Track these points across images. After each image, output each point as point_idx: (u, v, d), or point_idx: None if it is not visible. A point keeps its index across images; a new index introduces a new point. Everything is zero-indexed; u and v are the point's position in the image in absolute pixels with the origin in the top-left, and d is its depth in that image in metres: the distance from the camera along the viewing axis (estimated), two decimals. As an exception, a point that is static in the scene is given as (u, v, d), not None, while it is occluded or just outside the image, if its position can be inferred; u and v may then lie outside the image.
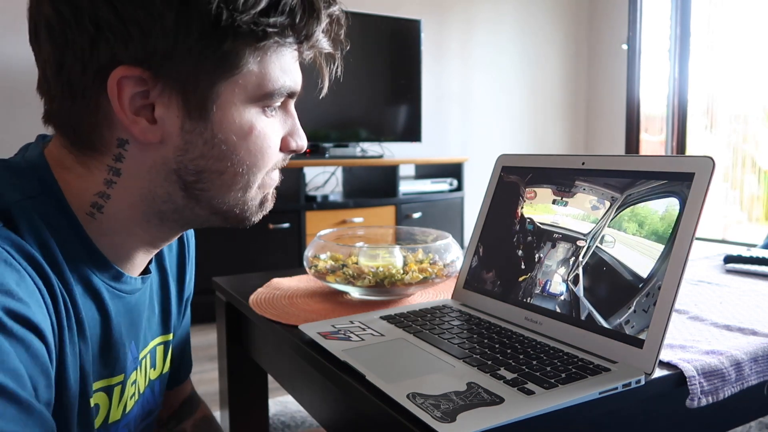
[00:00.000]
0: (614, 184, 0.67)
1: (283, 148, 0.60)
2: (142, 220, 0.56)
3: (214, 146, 0.53)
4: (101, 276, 0.55)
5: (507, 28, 3.80)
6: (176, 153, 0.53)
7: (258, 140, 0.55)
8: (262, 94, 0.54)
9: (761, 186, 3.31)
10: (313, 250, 0.90)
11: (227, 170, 0.55)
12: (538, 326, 0.68)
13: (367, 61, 3.08)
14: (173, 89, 0.51)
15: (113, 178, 0.53)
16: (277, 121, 0.58)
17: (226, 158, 0.54)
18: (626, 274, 0.62)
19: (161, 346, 0.69)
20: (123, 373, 0.60)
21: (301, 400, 0.80)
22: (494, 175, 0.83)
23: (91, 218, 0.54)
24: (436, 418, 0.48)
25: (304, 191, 2.71)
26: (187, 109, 0.52)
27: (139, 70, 0.49)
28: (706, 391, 0.60)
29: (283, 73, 0.55)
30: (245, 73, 0.52)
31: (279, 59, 0.55)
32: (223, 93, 0.52)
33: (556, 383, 0.54)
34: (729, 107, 3.39)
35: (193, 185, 0.55)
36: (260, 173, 0.57)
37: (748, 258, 1.03)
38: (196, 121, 0.52)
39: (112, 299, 0.57)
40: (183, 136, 0.52)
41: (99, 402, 0.57)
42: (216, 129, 0.53)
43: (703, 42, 3.42)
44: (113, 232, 0.55)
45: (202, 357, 2.16)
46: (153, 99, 0.51)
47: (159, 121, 0.52)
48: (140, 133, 0.51)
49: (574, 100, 4.11)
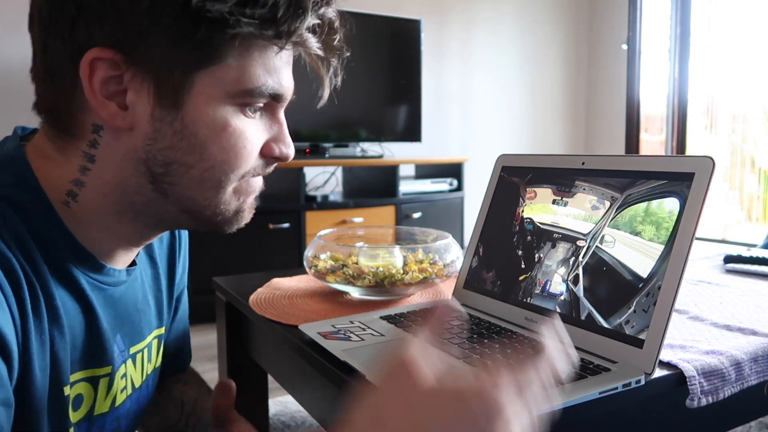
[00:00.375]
0: (614, 184, 0.67)
1: (265, 153, 0.58)
2: (116, 212, 0.55)
3: (184, 138, 0.52)
4: (81, 268, 0.55)
5: (507, 28, 3.80)
6: (145, 142, 0.52)
7: (232, 138, 0.53)
8: (240, 90, 0.52)
9: (761, 186, 3.31)
10: (313, 250, 0.90)
11: (196, 165, 0.53)
12: (538, 326, 0.68)
13: (367, 61, 3.08)
14: (146, 75, 0.50)
15: (88, 164, 0.53)
16: (258, 124, 0.56)
17: (196, 152, 0.53)
18: (626, 274, 0.62)
19: (156, 339, 0.69)
20: (111, 365, 0.59)
21: (301, 400, 0.80)
22: (494, 175, 0.83)
23: (67, 207, 0.53)
24: (436, 418, 0.48)
25: (304, 191, 2.71)
26: (158, 96, 0.51)
27: (112, 52, 0.49)
28: (706, 391, 0.60)
29: (267, 72, 0.54)
30: (223, 66, 0.51)
31: (263, 57, 0.53)
32: (198, 84, 0.51)
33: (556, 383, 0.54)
34: (729, 107, 3.39)
35: (161, 178, 0.53)
36: (233, 174, 0.55)
37: (748, 258, 1.03)
38: (167, 109, 0.51)
39: (93, 290, 0.56)
40: (153, 124, 0.51)
41: (82, 392, 0.57)
42: (187, 120, 0.52)
43: (703, 42, 3.42)
44: (89, 223, 0.55)
45: (202, 357, 2.16)
46: (126, 84, 0.50)
47: (130, 107, 0.51)
48: (109, 117, 0.51)
49: (574, 100, 4.11)
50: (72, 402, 0.55)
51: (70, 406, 0.55)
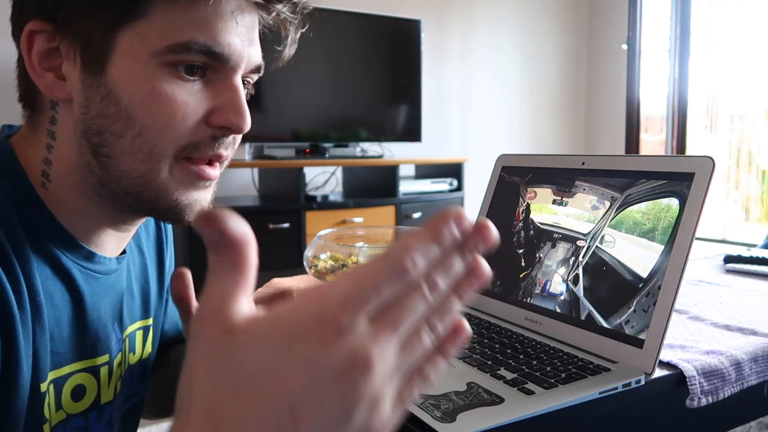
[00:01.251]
0: (614, 184, 0.67)
1: (213, 122, 0.52)
2: (84, 193, 0.54)
3: (110, 103, 0.50)
4: (72, 256, 0.54)
5: (507, 28, 3.79)
6: (80, 111, 0.51)
7: (163, 102, 0.49)
8: (164, 47, 0.48)
9: (761, 186, 3.31)
10: (313, 250, 0.90)
11: (125, 133, 0.50)
12: (538, 326, 0.68)
13: (367, 61, 3.08)
14: (73, 42, 0.50)
15: (51, 142, 0.53)
16: (198, 88, 0.51)
17: (123, 118, 0.50)
18: (626, 274, 0.62)
19: (140, 330, 0.67)
20: (108, 353, 0.59)
21: (301, 400, 0.79)
22: (494, 175, 0.83)
23: (44, 190, 0.53)
24: (436, 418, 0.48)
25: (304, 191, 2.71)
26: (84, 62, 0.49)
27: (43, 23, 0.49)
28: (706, 391, 0.60)
29: (194, 26, 0.49)
30: (146, 22, 0.48)
31: (190, 11, 0.49)
32: (121, 44, 0.48)
33: (556, 383, 0.54)
34: (729, 107, 3.39)
35: (99, 149, 0.51)
36: (165, 143, 0.51)
37: (748, 258, 1.03)
38: (93, 75, 0.49)
39: (86, 279, 0.55)
40: (83, 92, 0.50)
41: (84, 383, 0.56)
42: (111, 84, 0.49)
43: (703, 42, 3.42)
44: (65, 204, 0.54)
45: (202, 357, 2.16)
46: (64, 55, 0.50)
47: (66, 76, 0.51)
48: (46, 87, 0.51)
49: (574, 100, 4.11)
50: (71, 394, 0.55)
51: (70, 398, 0.55)
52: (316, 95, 2.90)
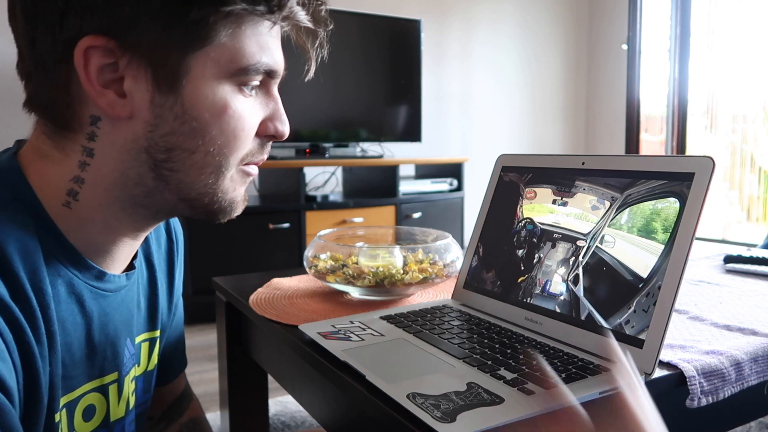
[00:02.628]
0: (614, 184, 0.67)
1: (261, 132, 0.57)
2: (117, 207, 0.54)
3: (185, 122, 0.51)
4: (83, 277, 0.54)
5: (507, 28, 3.80)
6: (146, 129, 0.51)
7: (232, 120, 0.53)
8: (236, 69, 0.52)
9: (761, 186, 3.31)
10: (313, 250, 0.90)
11: (198, 149, 0.52)
12: (538, 326, 0.68)
13: (367, 61, 3.08)
14: (141, 60, 0.49)
15: (87, 159, 0.52)
16: (255, 103, 0.56)
17: (198, 136, 0.52)
18: (626, 274, 0.62)
19: (146, 342, 0.68)
20: (117, 371, 0.59)
21: (301, 400, 0.80)
22: (494, 175, 0.83)
23: (67, 209, 0.53)
24: (436, 418, 0.48)
25: (304, 191, 2.71)
26: (156, 82, 0.50)
27: (105, 39, 0.48)
28: (706, 391, 0.60)
29: (260, 49, 0.53)
30: (217, 46, 0.51)
31: (255, 34, 0.52)
32: (195, 66, 0.50)
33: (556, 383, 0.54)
34: (729, 107, 3.39)
35: (163, 164, 0.53)
36: (233, 157, 0.55)
37: (748, 258, 1.03)
38: (166, 94, 0.50)
39: (95, 299, 0.56)
40: (153, 111, 0.51)
41: (93, 402, 0.57)
42: (187, 104, 0.51)
43: (703, 42, 3.42)
44: (90, 222, 0.54)
45: (202, 357, 2.16)
46: (122, 71, 0.50)
47: (128, 94, 0.50)
48: (108, 106, 0.50)
49: (574, 100, 4.11)
50: (82, 415, 0.56)
51: (81, 418, 0.56)
52: (316, 95, 2.90)
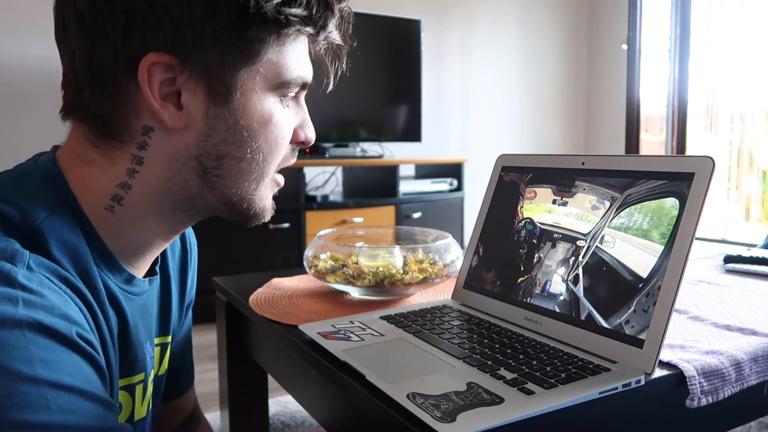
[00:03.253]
0: (614, 184, 0.67)
1: (293, 139, 0.61)
2: (158, 211, 0.57)
3: (236, 132, 0.55)
4: (115, 280, 0.57)
5: (507, 28, 3.80)
6: (199, 138, 0.55)
7: (276, 129, 0.57)
8: (279, 82, 0.56)
9: (761, 186, 3.31)
10: (313, 250, 0.90)
11: (246, 157, 0.56)
12: (538, 326, 0.68)
13: (367, 61, 3.08)
14: (199, 75, 0.52)
15: (136, 167, 0.55)
16: (291, 112, 0.60)
17: (246, 145, 0.56)
18: (626, 274, 0.62)
19: (158, 347, 0.70)
20: (143, 372, 0.62)
21: (301, 400, 0.80)
22: (494, 175, 0.83)
23: (110, 213, 0.55)
24: (436, 418, 0.48)
25: (304, 191, 2.71)
26: (211, 95, 0.53)
27: (168, 56, 0.51)
28: (706, 391, 0.60)
29: (298, 63, 0.58)
30: (265, 62, 0.55)
31: (295, 51, 0.57)
32: (246, 80, 0.54)
33: (556, 383, 0.54)
34: (729, 107, 3.39)
35: (212, 171, 0.56)
36: (273, 163, 0.59)
37: (748, 258, 1.03)
38: (221, 106, 0.54)
39: (127, 301, 0.58)
40: (207, 122, 0.54)
41: (122, 401, 0.59)
42: (239, 115, 0.55)
43: (703, 42, 3.42)
44: (130, 226, 0.57)
45: (202, 357, 2.16)
46: (179, 85, 0.53)
47: (185, 106, 0.53)
48: (169, 118, 0.53)
49: (574, 100, 4.11)
50: None
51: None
52: (316, 95, 2.90)
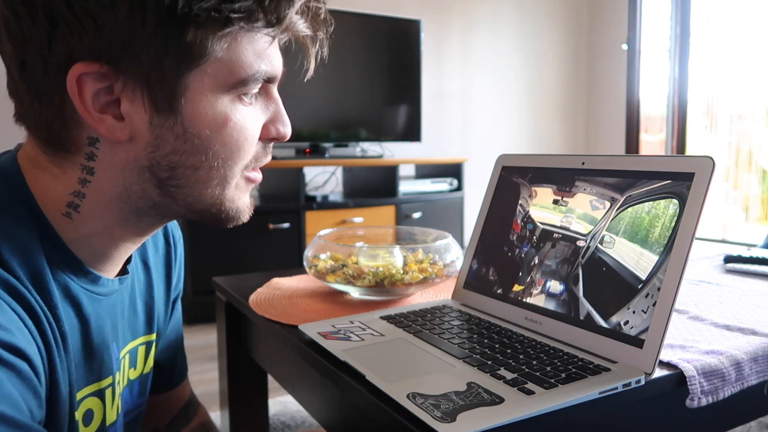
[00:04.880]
0: (614, 184, 0.67)
1: (263, 136, 0.57)
2: (121, 218, 0.54)
3: (187, 140, 0.51)
4: (79, 281, 0.54)
5: (507, 29, 3.80)
6: (147, 149, 0.51)
7: (234, 132, 0.52)
8: (235, 81, 0.51)
9: (761, 186, 3.31)
10: (313, 250, 0.90)
11: (202, 165, 0.52)
12: (538, 326, 0.68)
13: (367, 61, 3.08)
14: (137, 83, 0.48)
15: (87, 177, 0.51)
16: (256, 109, 0.55)
17: (200, 152, 0.52)
18: (626, 274, 0.62)
19: (143, 346, 0.68)
20: (111, 375, 0.59)
21: (301, 400, 0.80)
22: (494, 175, 0.83)
23: (68, 219, 0.52)
24: (436, 418, 0.48)
25: (304, 191, 2.71)
26: (154, 103, 0.49)
27: (98, 65, 0.47)
28: (706, 391, 0.60)
29: (258, 58, 0.52)
30: (213, 62, 0.49)
31: (251, 44, 0.51)
32: (192, 84, 0.49)
33: (556, 383, 0.54)
34: (729, 107, 3.39)
35: (167, 182, 0.52)
36: (237, 167, 0.55)
37: (748, 258, 1.03)
38: (165, 115, 0.50)
39: (91, 303, 0.56)
40: (153, 132, 0.50)
41: (92, 407, 0.57)
42: (187, 122, 0.50)
43: (703, 42, 3.42)
44: (91, 233, 0.54)
45: (202, 357, 2.16)
46: (117, 94, 0.49)
47: (126, 117, 0.49)
48: (108, 131, 0.49)
49: (574, 100, 4.11)
50: (83, 419, 0.56)
51: (81, 423, 0.55)
52: (316, 95, 2.90)
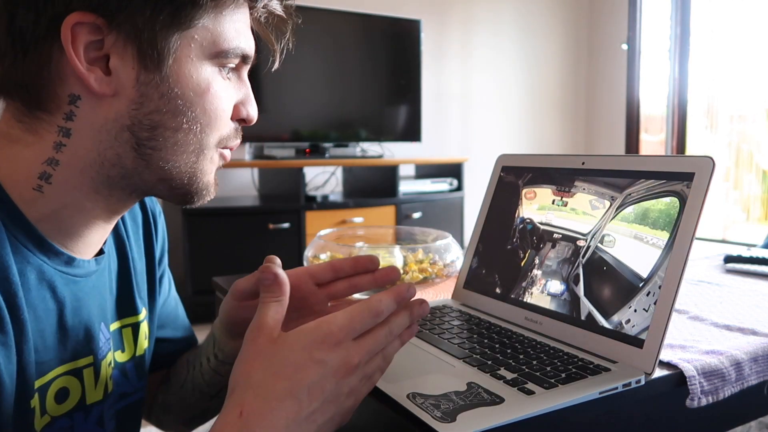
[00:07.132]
0: (614, 183, 0.67)
1: (234, 116, 0.59)
2: (91, 189, 0.54)
3: (170, 100, 0.52)
4: (52, 263, 0.54)
5: (507, 28, 3.80)
6: (130, 106, 0.51)
7: (215, 100, 0.55)
8: (216, 51, 0.54)
9: (761, 186, 3.31)
10: (313, 250, 0.90)
11: (182, 127, 0.53)
12: (538, 326, 0.68)
13: (367, 61, 3.08)
14: (128, 39, 0.50)
15: (63, 140, 0.51)
16: (231, 86, 0.57)
17: (182, 114, 0.53)
18: (626, 273, 0.62)
19: (128, 328, 0.67)
20: (92, 355, 0.59)
21: (301, 400, 0.79)
22: (494, 175, 0.83)
23: (39, 193, 0.52)
24: (436, 418, 0.48)
25: (304, 191, 2.72)
26: (142, 60, 0.50)
27: (94, 16, 0.48)
28: (706, 391, 0.60)
29: (238, 34, 0.55)
30: (200, 28, 0.52)
31: (233, 20, 0.55)
32: (180, 47, 0.52)
33: (556, 383, 0.54)
34: (729, 107, 3.39)
35: (146, 143, 0.53)
36: (212, 136, 0.56)
37: (748, 258, 1.03)
38: (153, 72, 0.51)
39: (67, 285, 0.55)
40: (138, 89, 0.51)
41: (67, 385, 0.56)
42: (172, 82, 0.52)
43: (703, 42, 3.43)
44: (61, 206, 0.53)
45: (202, 357, 2.16)
46: (107, 49, 0.49)
47: (114, 72, 0.50)
48: (96, 83, 0.50)
49: (574, 100, 4.11)
50: (55, 396, 0.55)
51: (53, 401, 0.55)
52: (316, 95, 2.90)
